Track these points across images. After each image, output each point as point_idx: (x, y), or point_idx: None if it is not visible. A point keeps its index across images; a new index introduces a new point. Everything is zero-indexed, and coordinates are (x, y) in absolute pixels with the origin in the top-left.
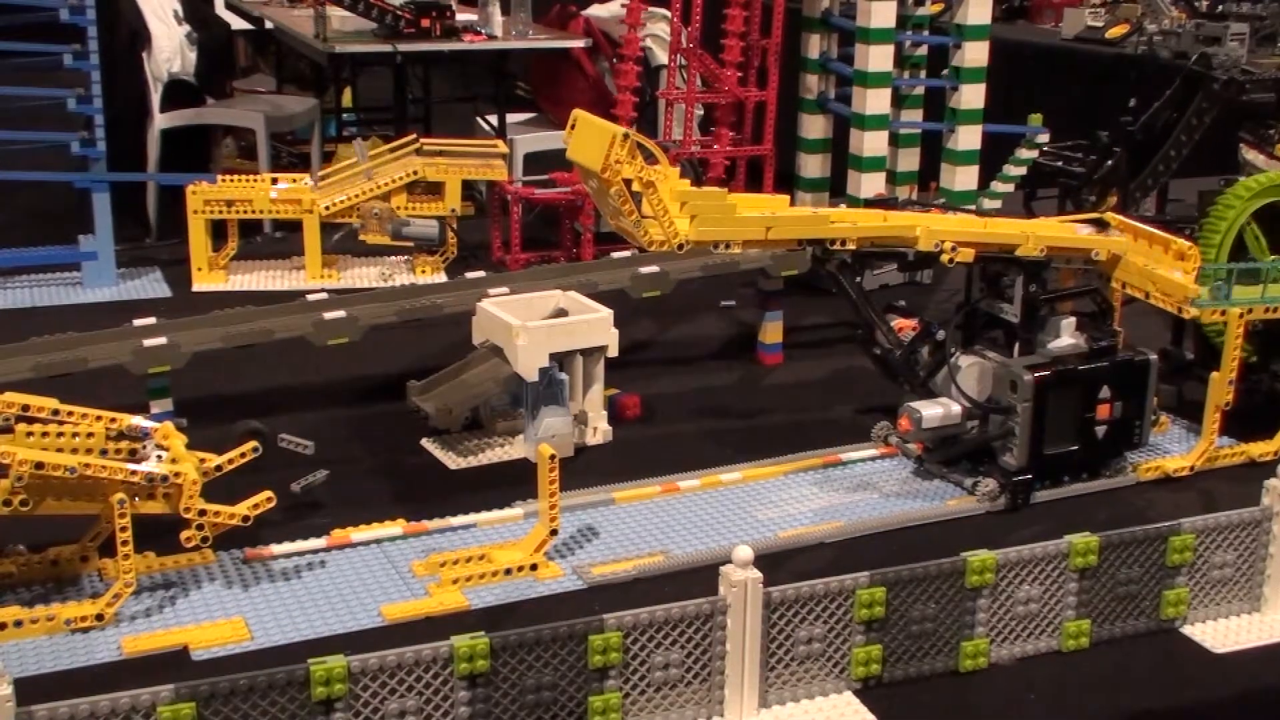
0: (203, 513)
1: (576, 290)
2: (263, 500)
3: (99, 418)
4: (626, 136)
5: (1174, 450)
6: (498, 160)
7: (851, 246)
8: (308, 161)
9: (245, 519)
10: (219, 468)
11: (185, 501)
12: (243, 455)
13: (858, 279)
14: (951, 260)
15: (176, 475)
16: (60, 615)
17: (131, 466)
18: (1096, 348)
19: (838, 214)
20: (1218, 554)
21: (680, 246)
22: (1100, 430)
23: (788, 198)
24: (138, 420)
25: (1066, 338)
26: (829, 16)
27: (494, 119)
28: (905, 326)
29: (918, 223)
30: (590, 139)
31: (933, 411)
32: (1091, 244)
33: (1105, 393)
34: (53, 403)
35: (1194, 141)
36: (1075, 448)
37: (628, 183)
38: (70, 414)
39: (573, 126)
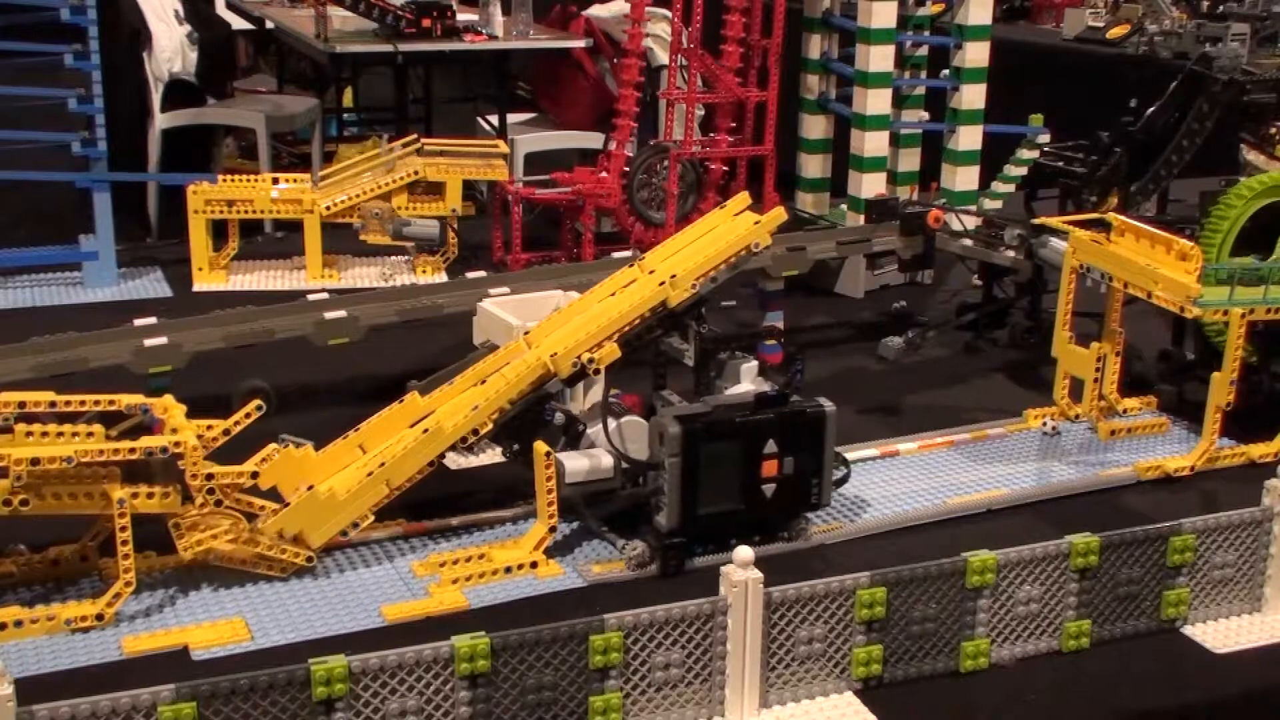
0: (210, 476)
1: (577, 290)
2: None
3: (97, 402)
4: (178, 524)
5: (1175, 451)
6: (498, 160)
7: (488, 430)
8: (308, 162)
9: (254, 475)
10: (226, 431)
11: (190, 467)
12: (248, 415)
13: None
14: (598, 371)
15: (177, 444)
16: (60, 615)
17: (130, 444)
18: (765, 396)
19: (446, 411)
20: (1218, 554)
21: (309, 559)
22: (767, 489)
23: (409, 409)
24: (138, 399)
25: (746, 383)
26: (830, 17)
27: (495, 119)
28: (631, 400)
29: (542, 354)
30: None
31: (578, 465)
32: (745, 239)
33: (771, 447)
34: (49, 395)
35: (1197, 144)
36: (738, 507)
37: None
38: (68, 403)
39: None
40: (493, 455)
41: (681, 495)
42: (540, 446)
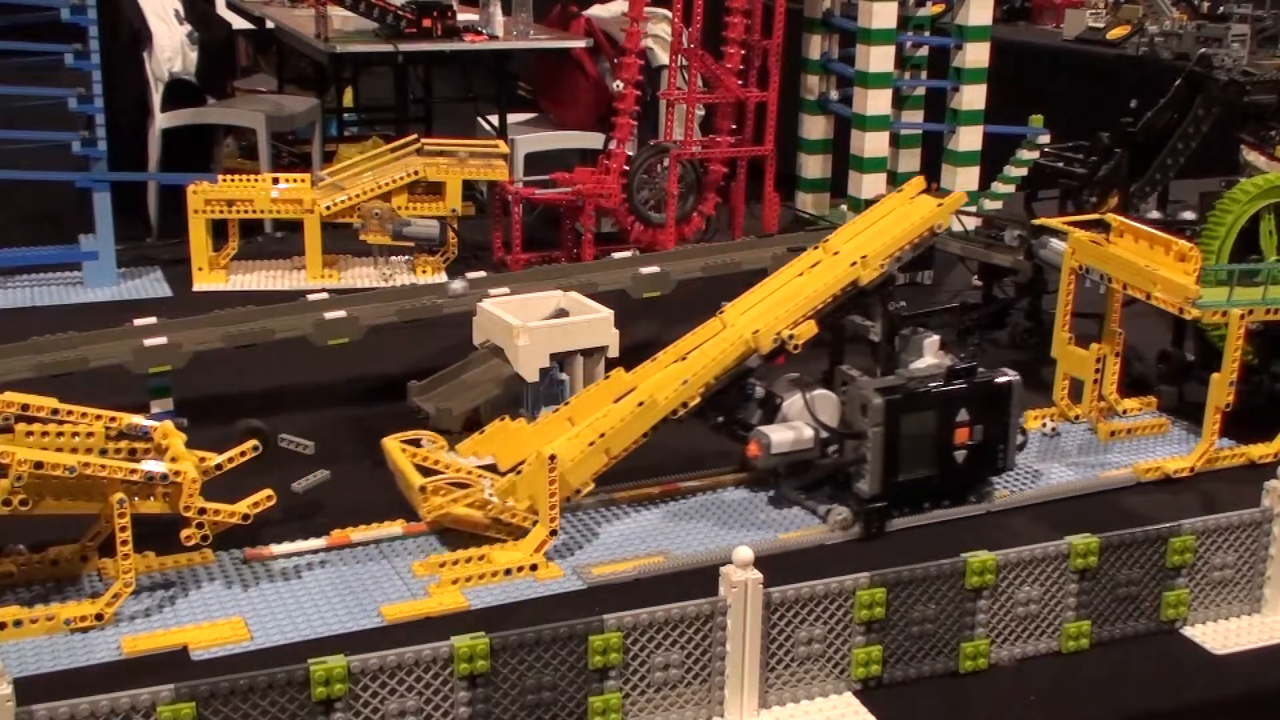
0: (202, 511)
1: (577, 290)
2: (262, 498)
3: (99, 417)
4: (424, 488)
5: (1174, 451)
6: (499, 160)
7: (696, 403)
8: (309, 161)
9: (245, 517)
10: (219, 466)
11: (185, 500)
12: (243, 454)
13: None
14: (797, 347)
15: (176, 474)
16: (60, 615)
17: (131, 466)
18: (955, 368)
19: (659, 384)
20: (1218, 555)
21: (535, 523)
22: (959, 455)
23: (615, 384)
24: (137, 419)
25: (929, 357)
26: (830, 17)
27: (495, 119)
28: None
29: (745, 331)
30: (404, 484)
31: (782, 436)
32: (928, 220)
33: (964, 415)
34: (52, 402)
35: (1196, 144)
36: (932, 473)
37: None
38: (70, 413)
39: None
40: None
41: (883, 462)
42: (544, 450)
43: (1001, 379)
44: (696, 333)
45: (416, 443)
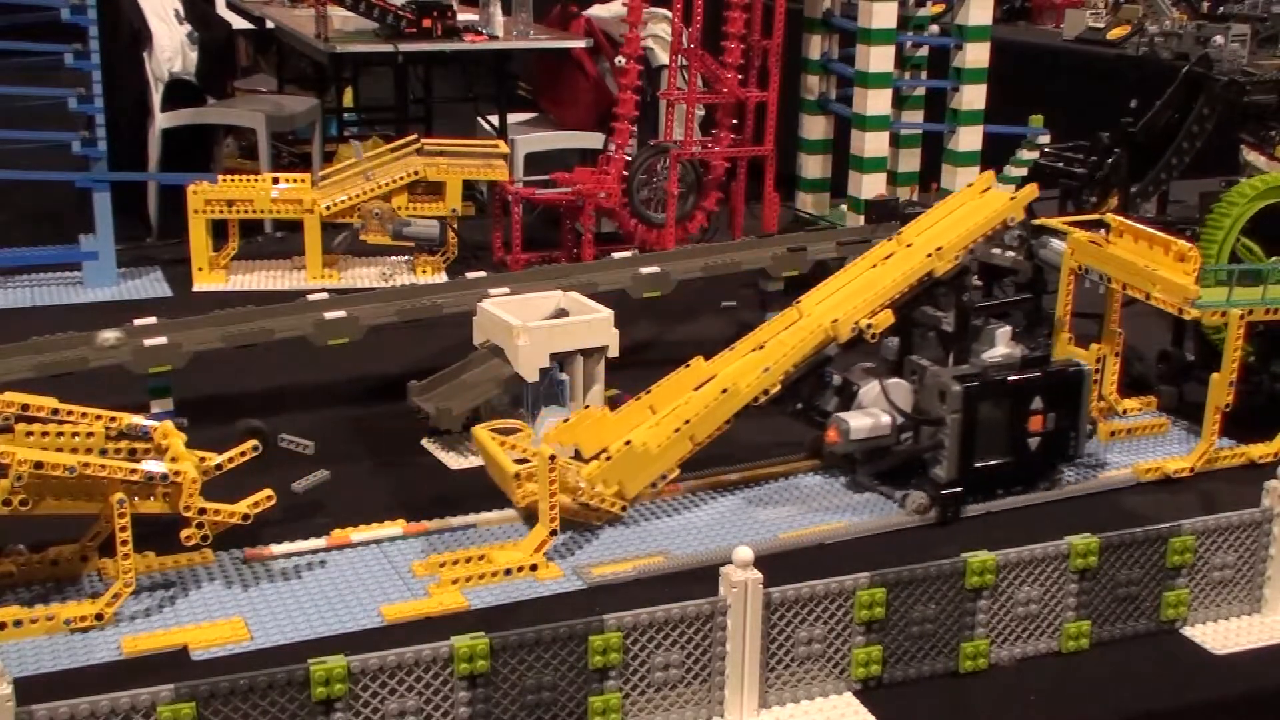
0: (202, 511)
1: (577, 291)
2: (263, 499)
3: (99, 417)
4: (518, 475)
5: (1174, 451)
6: (499, 160)
7: (776, 390)
8: (309, 161)
9: (245, 518)
10: (219, 466)
11: (185, 500)
12: (243, 454)
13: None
14: (874, 336)
15: (176, 474)
16: (60, 615)
17: (131, 466)
18: (1029, 357)
19: (740, 371)
20: (1218, 555)
21: (623, 509)
22: (1033, 442)
23: (695, 373)
24: (137, 419)
25: (1001, 347)
26: (830, 17)
27: (495, 119)
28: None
29: (824, 320)
30: (494, 470)
31: (861, 423)
32: (1001, 213)
33: (1037, 404)
34: (52, 402)
35: (1198, 144)
36: (1007, 460)
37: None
38: (70, 413)
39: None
40: None
41: (960, 448)
42: (544, 450)
43: (1073, 369)
44: (773, 322)
45: (505, 432)
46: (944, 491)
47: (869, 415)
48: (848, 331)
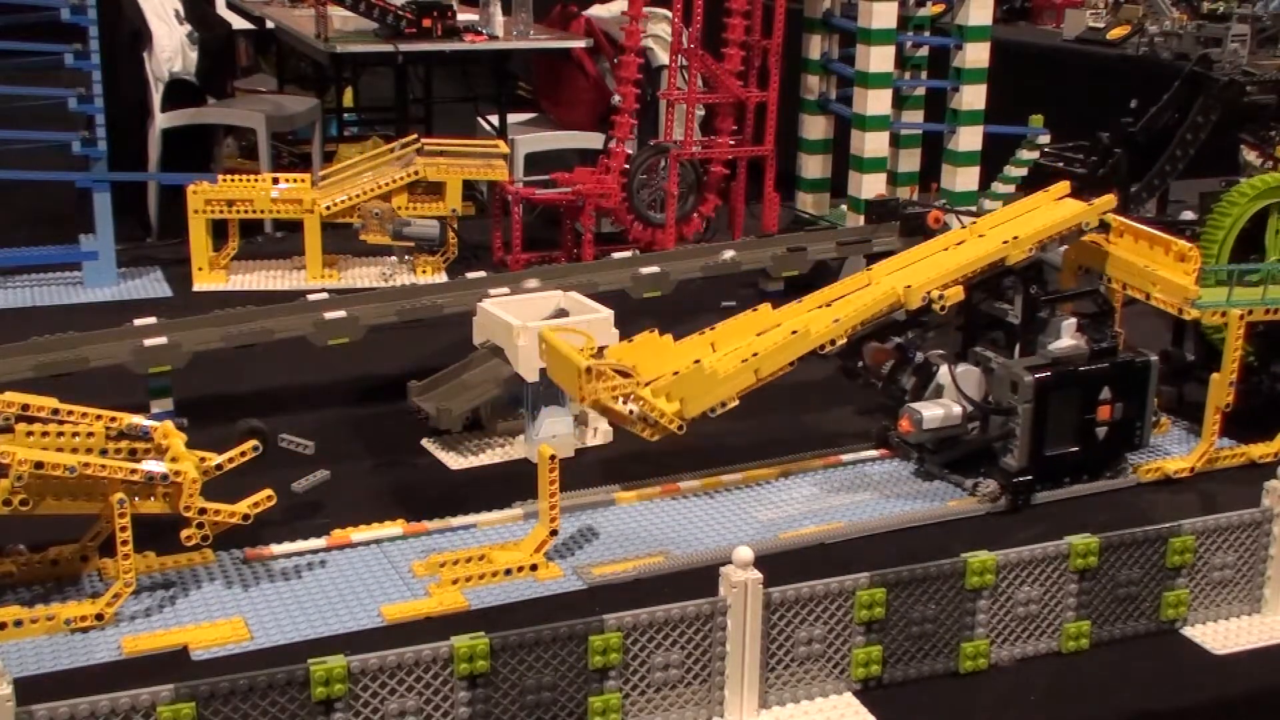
0: (203, 511)
1: (577, 290)
2: (263, 499)
3: (99, 417)
4: (590, 370)
5: (1174, 452)
6: (499, 160)
7: (843, 341)
8: (309, 161)
9: (245, 518)
10: (219, 466)
11: (185, 500)
12: (243, 454)
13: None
14: (943, 308)
15: (176, 474)
16: (60, 615)
17: (131, 466)
18: (1097, 349)
19: (811, 318)
20: (1218, 555)
21: (680, 428)
22: (1101, 431)
23: (760, 318)
24: (137, 419)
25: (1067, 339)
26: (830, 17)
27: (495, 119)
28: (882, 355)
29: (896, 285)
30: (561, 368)
31: (933, 412)
32: (1078, 216)
33: (1106, 394)
34: (52, 402)
35: (1199, 145)
36: (1075, 449)
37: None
38: (70, 413)
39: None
40: (493, 455)
41: (1031, 438)
42: (544, 450)
43: (1140, 359)
44: (844, 283)
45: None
46: (1015, 480)
47: (940, 405)
48: (918, 299)
